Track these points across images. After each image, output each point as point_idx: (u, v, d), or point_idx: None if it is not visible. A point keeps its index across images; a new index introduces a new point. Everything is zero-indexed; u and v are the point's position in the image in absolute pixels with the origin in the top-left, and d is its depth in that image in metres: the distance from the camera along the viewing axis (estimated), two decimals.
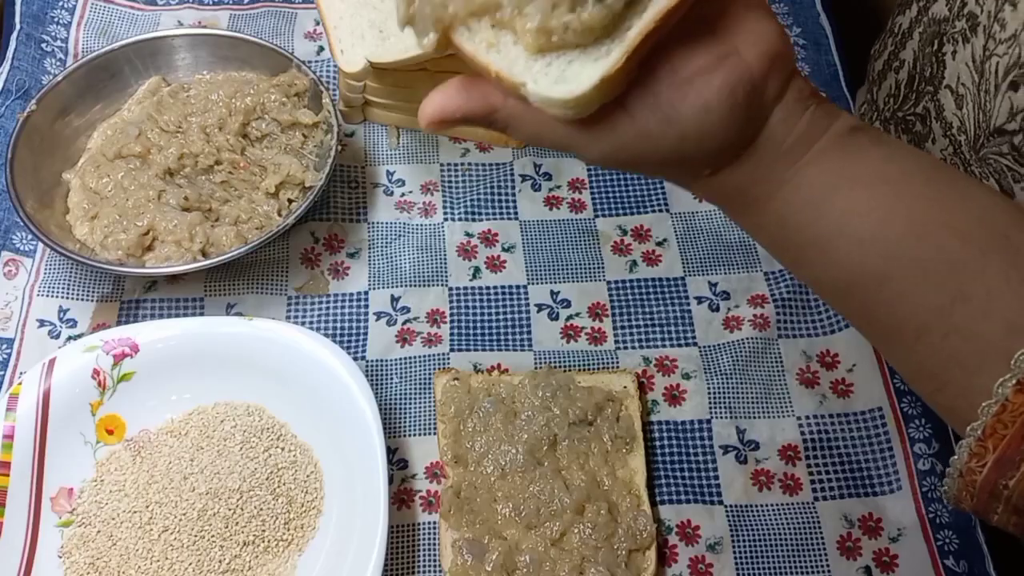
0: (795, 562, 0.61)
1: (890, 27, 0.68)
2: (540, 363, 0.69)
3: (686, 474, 0.64)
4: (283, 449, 0.63)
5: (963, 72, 0.54)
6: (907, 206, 0.39)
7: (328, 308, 0.71)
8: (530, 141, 0.40)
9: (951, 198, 0.39)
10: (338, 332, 0.70)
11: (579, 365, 0.69)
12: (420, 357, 0.69)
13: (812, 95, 0.41)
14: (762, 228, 0.43)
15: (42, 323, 0.69)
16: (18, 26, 0.83)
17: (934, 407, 0.42)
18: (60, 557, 0.59)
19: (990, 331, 0.37)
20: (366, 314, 0.71)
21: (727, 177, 0.41)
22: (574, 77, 0.35)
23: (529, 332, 0.70)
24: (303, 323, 0.70)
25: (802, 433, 0.66)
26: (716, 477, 0.64)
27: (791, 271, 0.47)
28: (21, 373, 0.66)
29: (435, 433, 0.65)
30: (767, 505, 0.63)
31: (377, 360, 0.69)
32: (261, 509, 0.60)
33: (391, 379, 0.68)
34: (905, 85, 0.62)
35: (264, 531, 0.60)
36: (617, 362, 0.69)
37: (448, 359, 0.69)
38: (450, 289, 0.72)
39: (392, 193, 0.77)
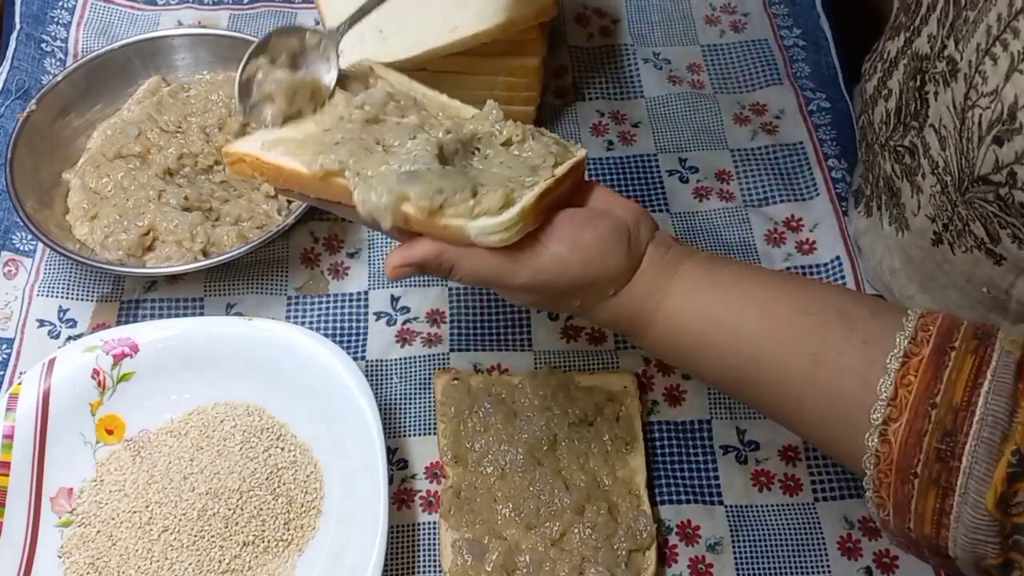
0: (795, 562, 0.61)
1: (880, 50, 0.67)
2: (540, 363, 0.69)
3: (686, 474, 0.64)
4: (283, 449, 0.63)
5: (945, 115, 0.54)
6: (758, 297, 0.48)
7: (328, 308, 0.71)
8: (469, 277, 0.49)
9: (792, 288, 0.49)
10: (338, 332, 0.70)
11: (579, 365, 0.69)
12: (420, 357, 0.69)
13: (675, 239, 0.52)
14: (659, 341, 0.51)
15: (42, 323, 0.69)
16: (18, 26, 0.83)
17: (843, 465, 0.48)
18: (60, 557, 0.59)
19: (849, 388, 0.43)
20: (366, 314, 0.71)
21: (625, 296, 0.50)
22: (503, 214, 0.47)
23: (529, 332, 0.70)
24: (303, 323, 0.70)
25: None
26: (716, 477, 0.64)
27: (698, 378, 0.58)
28: (21, 373, 0.66)
29: (435, 433, 0.65)
30: (767, 505, 0.63)
31: (377, 360, 0.69)
32: (261, 509, 0.60)
33: (391, 379, 0.68)
34: (894, 114, 0.63)
35: (264, 531, 0.60)
36: (617, 362, 0.69)
37: (448, 359, 0.69)
38: (450, 289, 0.72)
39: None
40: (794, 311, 0.47)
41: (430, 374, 0.68)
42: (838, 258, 0.72)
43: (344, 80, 0.55)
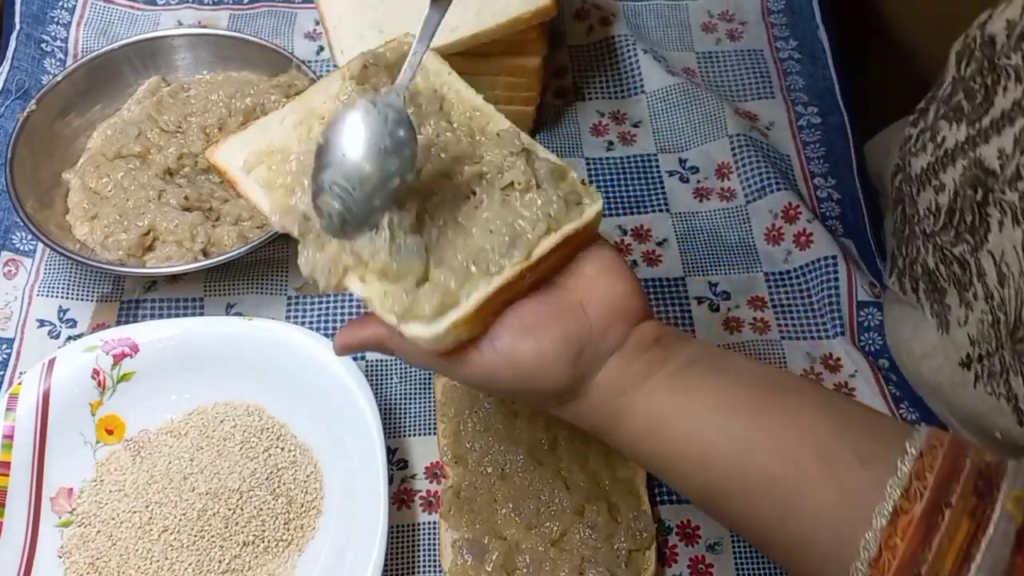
0: None
1: (931, 126, 0.60)
2: None
3: None
4: (283, 449, 0.63)
5: (1009, 253, 0.50)
6: (730, 435, 0.43)
7: (328, 308, 0.71)
8: (412, 363, 0.49)
9: (774, 423, 0.43)
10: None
11: None
12: None
13: (655, 341, 0.46)
14: (623, 448, 0.47)
15: (42, 323, 0.69)
16: (18, 26, 0.83)
17: None
18: (60, 557, 0.59)
19: (823, 540, 0.40)
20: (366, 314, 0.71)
21: (573, 410, 0.46)
22: (432, 324, 0.43)
23: None
24: (303, 323, 0.70)
25: None
26: None
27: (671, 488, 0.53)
28: (21, 373, 0.66)
29: (435, 433, 0.65)
30: None
31: (377, 360, 0.69)
32: (261, 509, 0.60)
33: (391, 379, 0.68)
34: (945, 213, 0.57)
35: (264, 531, 0.60)
36: None
37: None
38: None
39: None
40: (771, 457, 0.42)
41: (430, 374, 0.68)
42: (834, 257, 0.72)
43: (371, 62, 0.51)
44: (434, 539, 0.61)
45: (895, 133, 0.77)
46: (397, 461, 0.65)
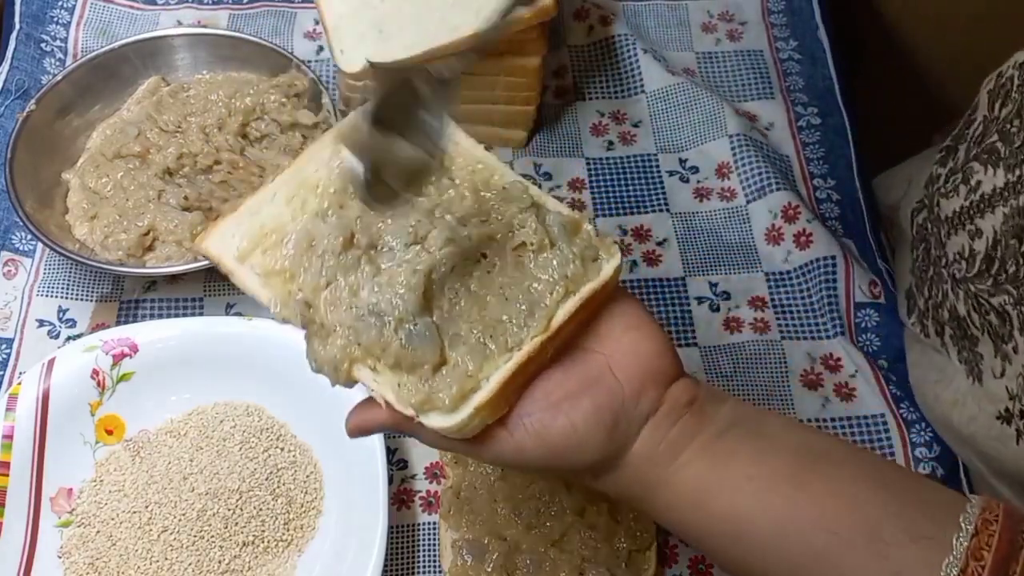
0: None
1: (963, 168, 0.58)
2: None
3: None
4: (283, 449, 0.63)
5: None
6: (773, 510, 0.41)
7: None
8: (434, 447, 0.45)
9: (818, 496, 0.41)
10: None
11: None
12: None
13: (688, 404, 0.43)
14: (658, 517, 0.46)
15: (41, 323, 0.69)
16: (18, 26, 0.83)
17: None
18: (60, 557, 0.59)
19: None
20: None
21: (608, 482, 0.44)
22: (454, 413, 0.41)
23: None
24: None
25: None
26: None
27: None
28: (20, 373, 0.66)
29: None
30: None
31: None
32: (260, 509, 0.60)
33: None
34: (982, 260, 0.55)
35: (264, 531, 0.60)
36: None
37: None
38: None
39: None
40: (815, 527, 0.40)
41: None
42: (833, 258, 0.72)
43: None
44: (434, 539, 0.61)
45: (912, 168, 0.76)
46: (397, 461, 0.65)
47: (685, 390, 0.44)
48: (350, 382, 0.43)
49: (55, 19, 0.85)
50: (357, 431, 0.45)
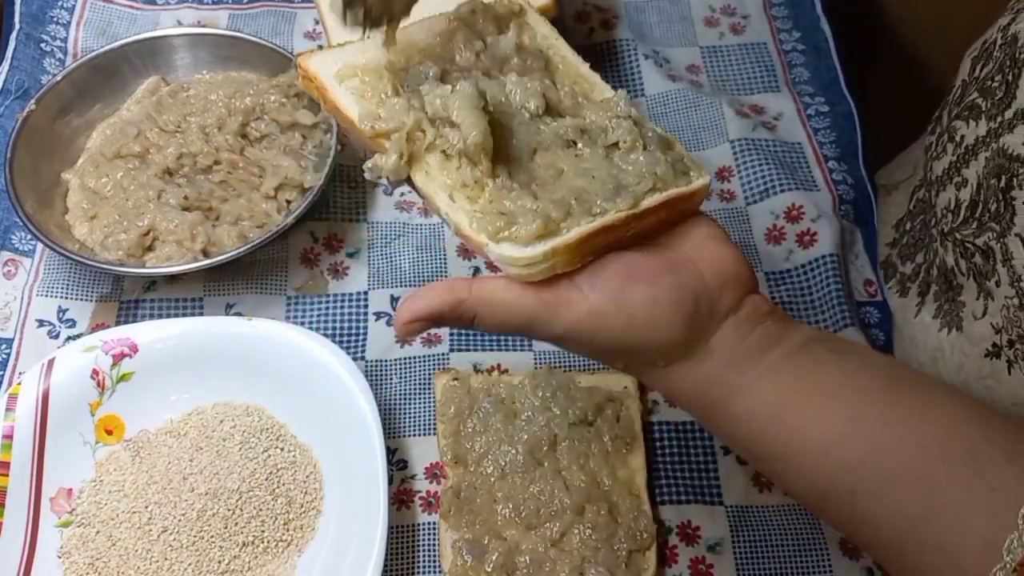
0: (796, 563, 0.61)
1: (947, 128, 0.61)
2: (540, 363, 0.69)
3: (686, 474, 0.64)
4: (283, 449, 0.63)
5: None
6: (866, 422, 0.39)
7: (328, 308, 0.71)
8: (497, 327, 0.42)
9: (913, 414, 0.39)
10: (338, 332, 0.70)
11: (579, 365, 0.69)
12: (420, 357, 0.69)
13: (769, 313, 0.42)
14: (729, 436, 0.44)
15: (41, 323, 0.69)
16: (17, 26, 0.83)
17: None
18: (59, 557, 0.59)
19: (965, 546, 0.37)
20: (366, 314, 0.71)
21: (681, 374, 0.42)
22: (528, 247, 0.41)
23: None
24: (303, 323, 0.70)
25: None
26: (716, 477, 0.64)
27: (776, 484, 0.48)
28: (20, 373, 0.66)
29: (435, 433, 0.65)
30: (768, 506, 0.63)
31: (377, 360, 0.69)
32: (260, 510, 0.60)
33: (391, 379, 0.68)
34: (967, 208, 0.57)
35: (263, 532, 0.60)
36: None
37: (448, 359, 0.69)
38: None
39: (392, 193, 0.77)
40: (913, 451, 0.38)
41: (430, 374, 0.68)
42: (835, 256, 0.72)
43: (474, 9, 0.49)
44: (434, 539, 0.61)
45: (918, 150, 0.77)
46: (397, 461, 0.65)
47: (764, 301, 0.43)
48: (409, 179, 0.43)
49: (55, 19, 0.85)
50: (413, 320, 0.41)
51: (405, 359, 0.69)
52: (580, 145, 0.45)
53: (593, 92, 0.48)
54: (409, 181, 0.45)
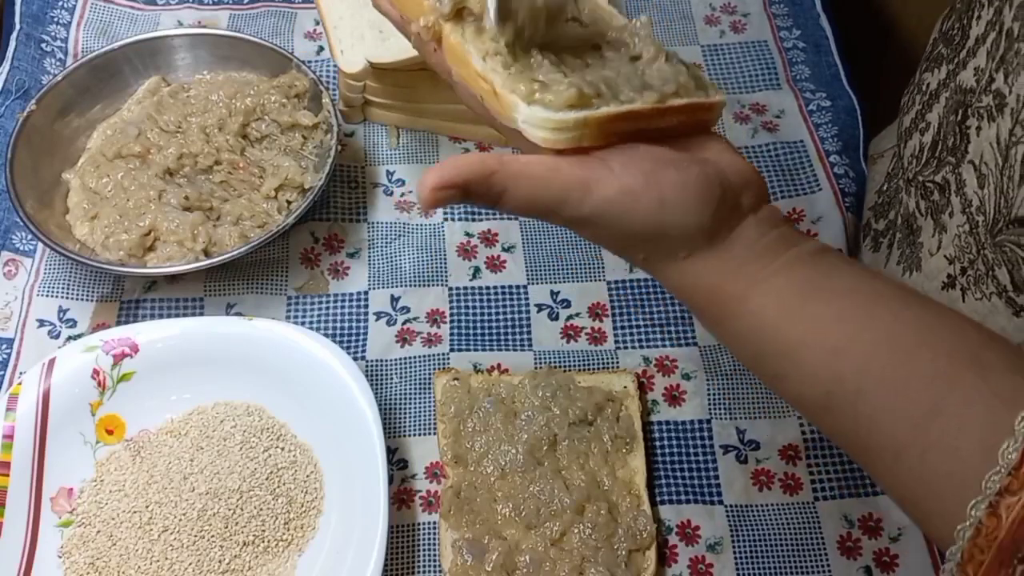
0: (795, 562, 0.61)
1: (917, 82, 0.63)
2: (540, 363, 0.69)
3: (686, 474, 0.64)
4: (283, 449, 0.63)
5: (987, 151, 0.51)
6: (878, 321, 0.40)
7: (328, 308, 0.71)
8: (523, 206, 0.41)
9: (923, 317, 0.40)
10: (338, 332, 0.70)
11: (579, 365, 0.69)
12: (420, 357, 0.69)
13: (785, 221, 0.44)
14: (739, 336, 0.44)
15: (42, 323, 0.69)
16: (18, 26, 0.83)
17: (921, 528, 0.41)
18: (60, 557, 0.59)
19: (965, 447, 0.37)
20: (366, 314, 0.71)
21: (702, 265, 0.42)
22: (558, 112, 0.40)
23: (529, 332, 0.70)
24: (303, 323, 0.70)
25: (803, 433, 0.66)
26: (716, 477, 0.64)
27: (773, 388, 0.47)
28: (21, 373, 0.66)
29: (435, 433, 0.65)
30: (767, 505, 0.63)
31: (377, 360, 0.69)
32: (261, 509, 0.60)
33: (391, 379, 0.68)
34: (928, 149, 0.58)
35: (264, 531, 0.60)
36: (617, 362, 0.69)
37: (448, 359, 0.69)
38: (450, 289, 0.72)
39: (392, 193, 0.77)
40: (919, 345, 0.39)
41: (430, 374, 0.68)
42: (839, 251, 0.72)
43: None
44: (434, 539, 0.61)
45: (896, 125, 0.79)
46: (397, 461, 0.65)
47: (779, 211, 0.44)
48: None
49: (55, 19, 0.85)
50: (436, 193, 0.39)
51: (405, 359, 0.69)
52: (604, 49, 0.46)
53: (614, 21, 0.48)
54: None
